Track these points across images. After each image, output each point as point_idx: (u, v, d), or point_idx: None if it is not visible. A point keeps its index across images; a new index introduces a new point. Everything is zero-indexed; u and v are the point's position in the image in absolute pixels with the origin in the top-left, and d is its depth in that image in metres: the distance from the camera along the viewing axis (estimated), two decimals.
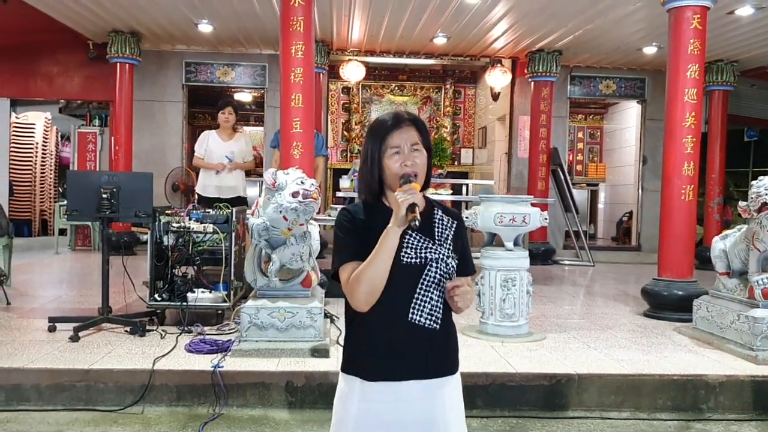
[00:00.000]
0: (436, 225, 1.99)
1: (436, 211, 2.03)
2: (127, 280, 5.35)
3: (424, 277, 1.93)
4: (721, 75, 10.23)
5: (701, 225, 10.67)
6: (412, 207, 1.83)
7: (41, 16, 8.43)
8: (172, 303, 5.21)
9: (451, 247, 1.98)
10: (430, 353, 1.95)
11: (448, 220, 2.02)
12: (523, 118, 11.08)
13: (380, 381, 1.92)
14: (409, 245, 1.92)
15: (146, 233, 5.41)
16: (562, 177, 10.81)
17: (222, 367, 4.10)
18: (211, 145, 7.14)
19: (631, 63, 10.84)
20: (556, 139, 10.84)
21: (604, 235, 13.92)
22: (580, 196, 12.60)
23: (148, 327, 5.02)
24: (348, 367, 2.01)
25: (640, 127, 11.67)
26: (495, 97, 12.20)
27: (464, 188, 10.12)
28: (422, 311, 1.92)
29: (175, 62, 10.70)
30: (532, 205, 5.43)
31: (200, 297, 5.24)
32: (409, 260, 1.91)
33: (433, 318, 1.94)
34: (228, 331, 5.01)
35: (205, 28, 9.11)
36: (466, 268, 2.06)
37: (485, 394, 4.15)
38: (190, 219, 5.29)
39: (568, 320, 6.02)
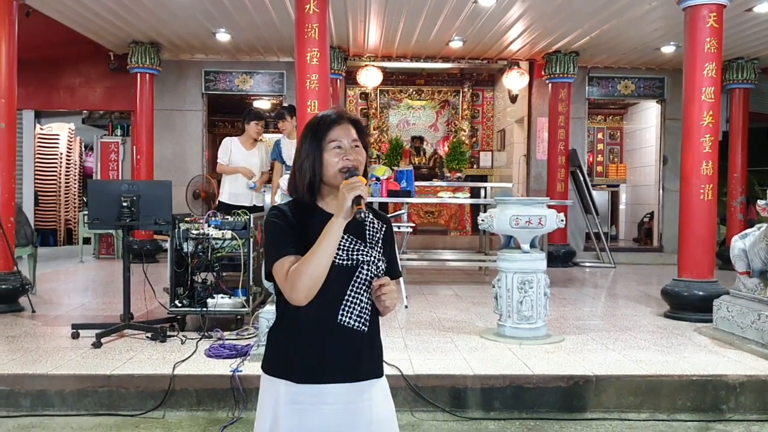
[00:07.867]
0: (368, 228, 1.99)
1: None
2: (149, 287, 5.44)
3: (355, 279, 1.93)
4: (742, 73, 10.10)
5: (724, 225, 10.57)
6: (357, 199, 1.83)
7: (63, 29, 8.60)
8: (192, 309, 5.28)
9: (381, 250, 1.99)
10: (357, 355, 1.94)
11: (378, 223, 2.03)
12: (541, 120, 11.06)
13: (308, 383, 1.90)
14: (341, 247, 1.91)
15: (167, 240, 5.48)
16: (582, 178, 10.77)
17: (241, 371, 4.15)
18: (234, 153, 7.16)
19: (650, 63, 10.77)
20: (575, 140, 10.82)
21: (625, 237, 13.80)
22: (601, 197, 12.51)
23: (168, 333, 5.09)
24: (273, 368, 1.97)
25: (660, 127, 11.58)
26: (513, 99, 12.19)
27: (482, 191, 10.10)
28: (352, 313, 1.92)
29: (194, 71, 10.84)
30: (549, 206, 5.42)
31: (220, 303, 5.31)
32: (340, 262, 1.90)
33: (362, 320, 1.94)
34: (247, 336, 5.06)
35: (223, 37, 9.22)
36: (393, 271, 2.06)
37: (502, 396, 4.15)
38: (209, 226, 5.36)
39: (588, 322, 5.99)
